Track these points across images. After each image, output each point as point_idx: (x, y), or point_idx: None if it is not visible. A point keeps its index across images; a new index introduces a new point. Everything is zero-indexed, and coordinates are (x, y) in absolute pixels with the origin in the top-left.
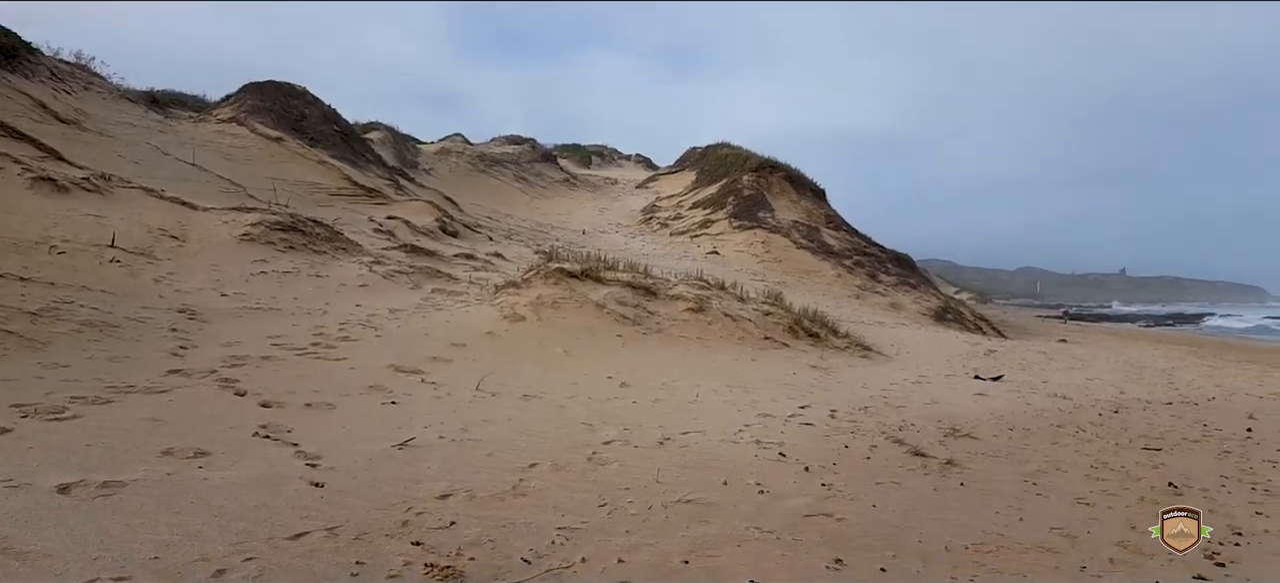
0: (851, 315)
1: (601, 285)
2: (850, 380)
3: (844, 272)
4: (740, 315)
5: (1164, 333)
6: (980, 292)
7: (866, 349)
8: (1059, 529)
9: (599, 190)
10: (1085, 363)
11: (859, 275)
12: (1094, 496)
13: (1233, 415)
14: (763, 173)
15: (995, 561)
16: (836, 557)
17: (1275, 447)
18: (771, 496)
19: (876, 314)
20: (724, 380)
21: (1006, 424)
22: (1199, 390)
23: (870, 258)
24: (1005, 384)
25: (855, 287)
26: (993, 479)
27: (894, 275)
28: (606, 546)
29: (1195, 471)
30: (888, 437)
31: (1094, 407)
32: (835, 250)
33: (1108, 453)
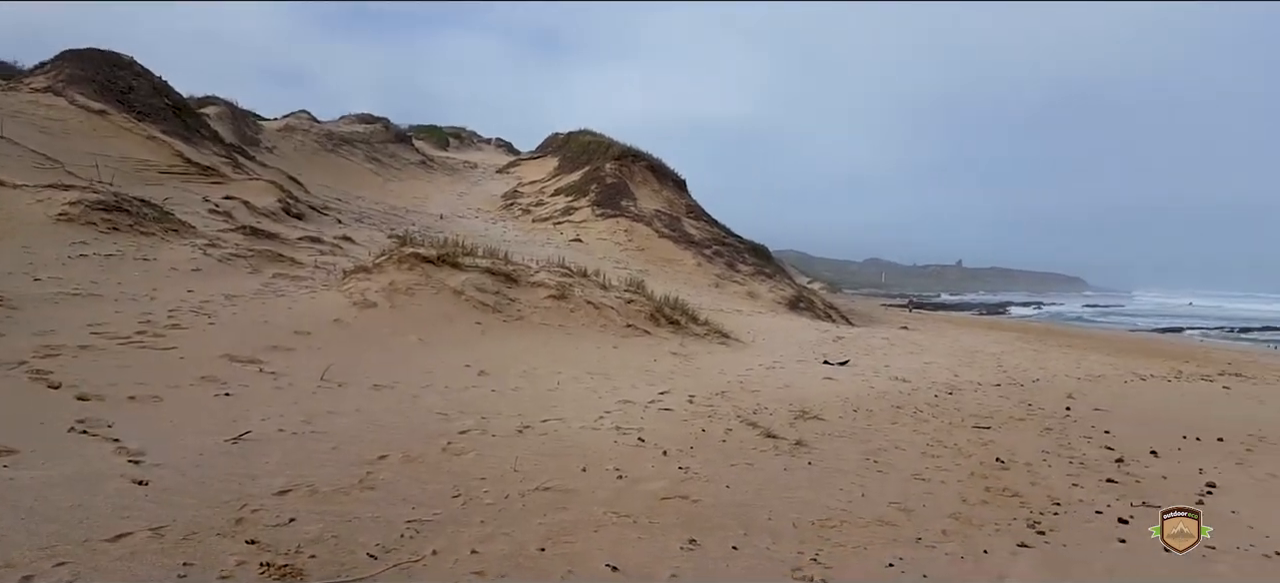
0: (711, 303)
1: (459, 271)
2: (709, 367)
3: (704, 261)
4: (603, 303)
5: (995, 320)
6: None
7: (725, 336)
8: (897, 504)
9: (457, 174)
10: (924, 348)
11: (718, 265)
12: (929, 471)
13: (1054, 395)
14: (625, 161)
15: (839, 535)
16: (691, 537)
17: (1090, 424)
18: (630, 480)
19: (734, 302)
20: (586, 368)
21: (852, 406)
22: (1025, 373)
23: (729, 248)
24: (852, 369)
25: (714, 276)
26: (838, 458)
27: (751, 265)
28: (459, 537)
29: (1020, 446)
30: (743, 420)
31: (931, 389)
32: (696, 240)
33: (942, 432)
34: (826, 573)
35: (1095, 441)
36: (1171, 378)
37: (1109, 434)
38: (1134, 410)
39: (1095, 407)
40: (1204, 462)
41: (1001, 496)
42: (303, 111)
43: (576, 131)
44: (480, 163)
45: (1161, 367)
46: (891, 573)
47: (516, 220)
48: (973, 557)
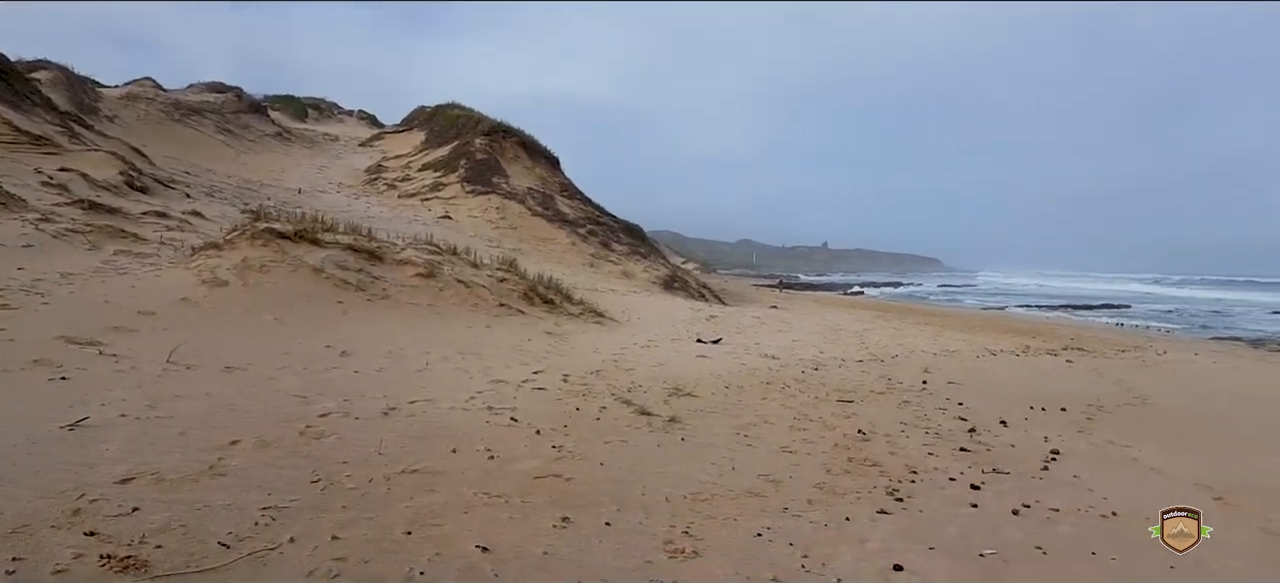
0: (586, 283)
1: (319, 248)
2: (584, 346)
3: (578, 240)
4: (474, 282)
5: (857, 299)
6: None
7: (600, 316)
8: (766, 476)
9: (317, 147)
10: (792, 326)
11: (593, 244)
12: (796, 444)
13: (912, 370)
14: (496, 137)
15: (710, 508)
16: (564, 515)
17: (945, 396)
18: (501, 460)
19: (609, 282)
20: (456, 348)
21: (724, 383)
22: (885, 349)
23: (603, 227)
24: (724, 347)
25: (589, 255)
26: (710, 433)
27: (626, 245)
28: (319, 523)
29: (880, 419)
30: (617, 398)
31: (798, 365)
32: (570, 219)
33: (809, 406)
34: (697, 545)
35: (950, 412)
36: (1020, 353)
37: (962, 406)
38: (985, 384)
39: (950, 380)
40: (1049, 430)
41: (863, 466)
42: (147, 79)
43: (445, 105)
44: (342, 136)
45: (1011, 342)
46: (759, 543)
47: (381, 196)
48: (836, 524)
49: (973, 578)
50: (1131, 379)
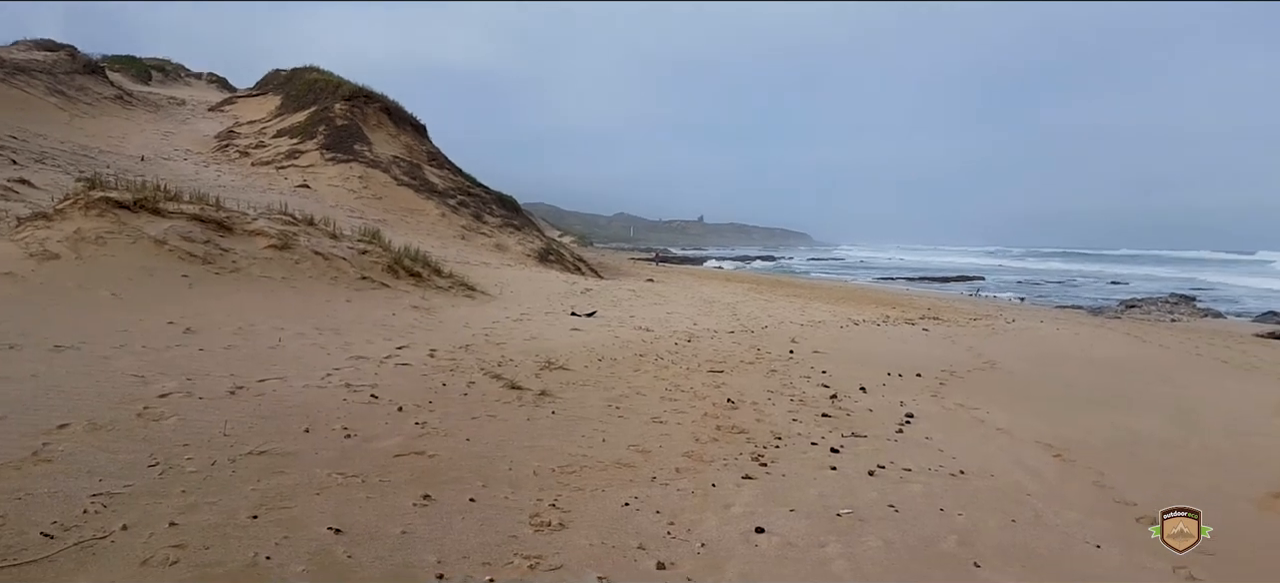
0: (457, 256)
1: (162, 218)
2: (453, 320)
3: (449, 211)
4: (333, 254)
5: (730, 272)
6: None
7: (470, 289)
8: (636, 446)
9: (162, 112)
10: (667, 299)
11: (464, 216)
12: (667, 414)
13: (780, 340)
14: (357, 102)
15: (579, 480)
16: (426, 493)
17: (810, 365)
18: (360, 439)
19: (482, 255)
20: (313, 323)
21: (597, 355)
22: (755, 320)
23: (475, 198)
24: (598, 320)
25: (460, 227)
26: (582, 406)
27: (499, 217)
28: (156, 509)
29: (748, 387)
30: (487, 373)
31: (672, 337)
32: (439, 189)
33: (681, 377)
34: (564, 517)
35: (814, 380)
36: (880, 323)
37: (826, 374)
38: (848, 352)
39: (815, 349)
40: (904, 395)
41: (730, 433)
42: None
43: (301, 68)
44: (189, 100)
45: (872, 312)
46: (627, 512)
47: (233, 164)
48: (702, 491)
49: (830, 537)
50: (982, 346)
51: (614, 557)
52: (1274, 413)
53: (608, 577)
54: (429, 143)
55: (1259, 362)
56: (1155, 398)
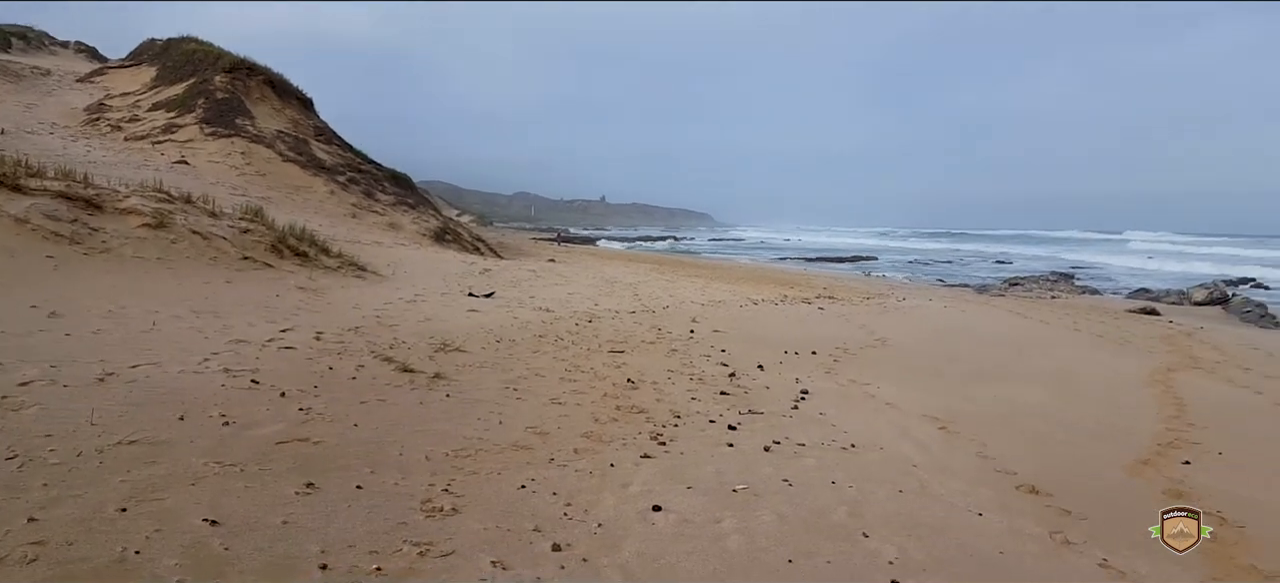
0: (347, 235)
1: (23, 196)
2: (342, 301)
3: (338, 189)
4: (212, 233)
5: (635, 252)
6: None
7: (361, 269)
8: (534, 428)
9: (24, 82)
10: (568, 280)
11: (354, 193)
12: (566, 395)
13: (681, 320)
14: (239, 74)
15: (473, 464)
16: (309, 481)
17: (710, 344)
18: (239, 426)
19: (374, 234)
20: (191, 306)
21: (495, 337)
22: (657, 300)
23: (366, 175)
24: (497, 301)
25: (351, 205)
26: (478, 388)
27: (392, 195)
28: (13, 505)
29: (649, 367)
30: (377, 356)
31: (573, 318)
32: (327, 165)
33: (581, 357)
34: (457, 502)
35: (713, 358)
36: (778, 302)
37: (725, 353)
38: (746, 331)
39: (715, 329)
40: (800, 372)
41: (630, 413)
42: None
43: (178, 38)
44: (55, 70)
45: (771, 292)
46: (523, 494)
47: (105, 138)
48: (601, 471)
49: (726, 513)
50: (874, 324)
51: (508, 540)
52: (1144, 384)
53: (502, 561)
54: (316, 117)
55: (1131, 336)
56: (1036, 371)
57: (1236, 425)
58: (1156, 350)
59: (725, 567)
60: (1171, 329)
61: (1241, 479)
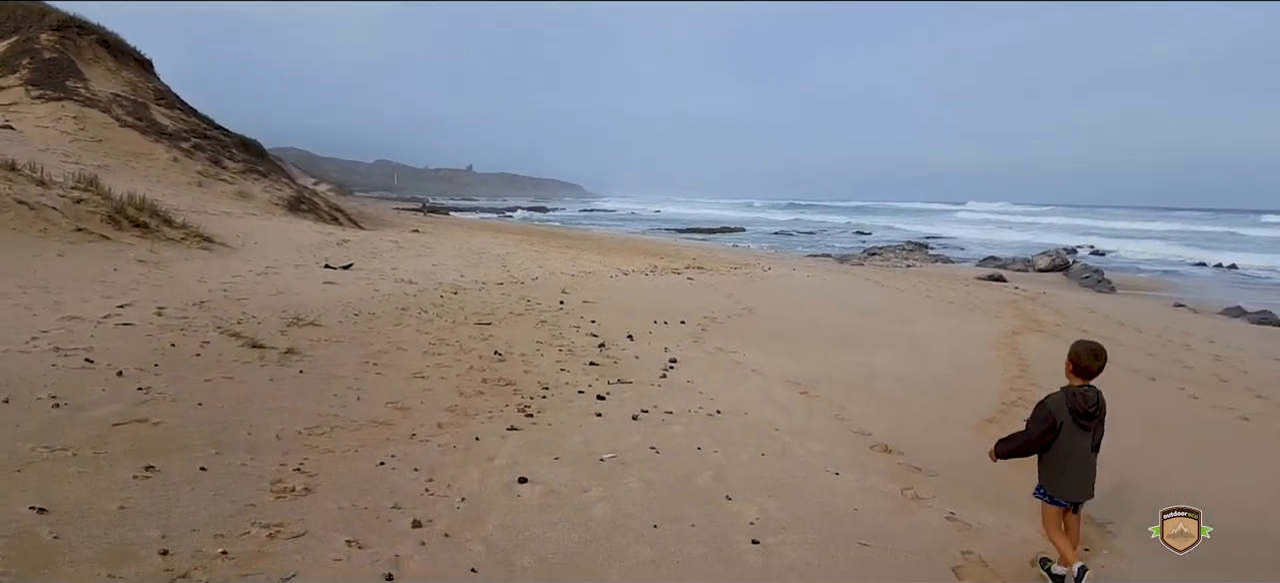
0: (193, 205)
1: None
2: (186, 274)
3: (182, 156)
4: (41, 203)
5: (503, 223)
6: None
7: (208, 241)
8: (395, 403)
9: None
10: (433, 251)
11: (200, 161)
12: (430, 369)
13: (550, 291)
14: (69, 32)
15: (328, 441)
16: (148, 464)
17: (580, 315)
18: (71, 408)
19: (223, 203)
20: (17, 281)
21: (353, 310)
22: (526, 271)
23: (213, 142)
24: (356, 272)
25: (196, 173)
26: (335, 364)
27: (241, 162)
28: None
29: (517, 339)
30: (224, 331)
31: (437, 290)
32: (170, 131)
33: (446, 330)
34: (310, 481)
35: (583, 329)
36: (648, 272)
37: (595, 323)
38: (616, 302)
39: (585, 299)
40: (669, 341)
41: (497, 386)
42: None
43: None
44: None
45: (641, 263)
46: (382, 471)
47: None
48: (465, 445)
49: (593, 482)
50: (741, 293)
51: (365, 519)
52: (991, 347)
53: (357, 540)
54: (157, 80)
55: (979, 302)
56: (892, 337)
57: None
58: (1003, 315)
59: (591, 535)
60: (1017, 295)
61: None
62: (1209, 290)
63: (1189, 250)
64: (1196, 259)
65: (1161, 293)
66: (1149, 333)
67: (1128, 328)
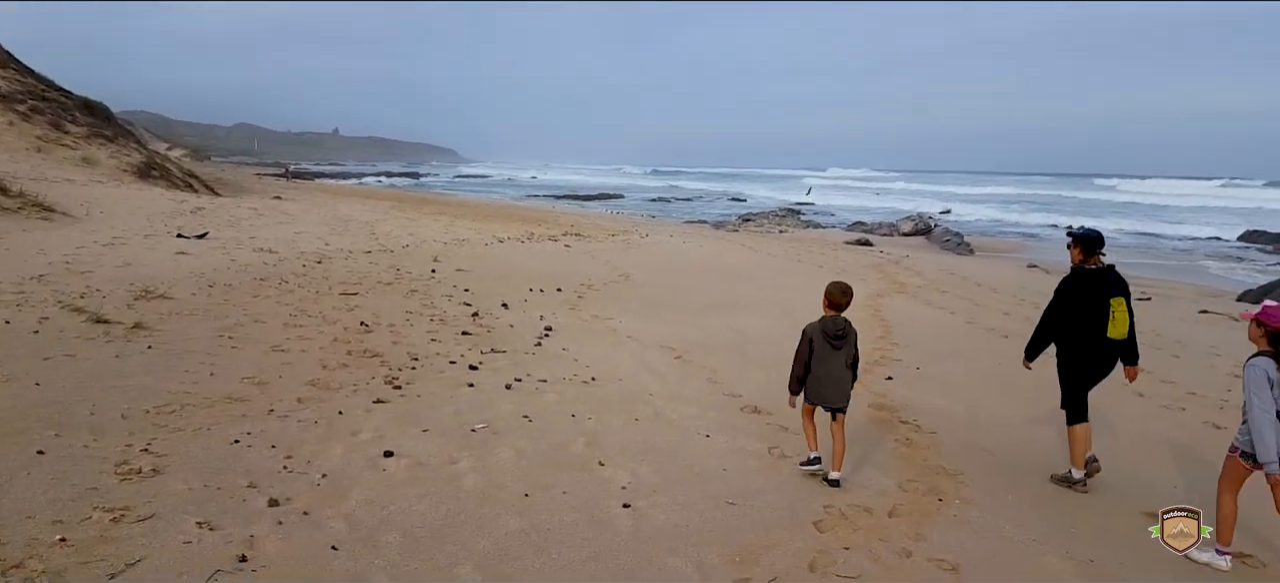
0: (31, 172)
1: None
2: (23, 246)
3: (18, 119)
4: None
5: (374, 189)
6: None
7: (48, 210)
8: (252, 378)
9: None
10: (296, 218)
11: (39, 124)
12: (291, 342)
13: (422, 259)
14: None
15: (179, 419)
16: None
17: (453, 283)
18: None
19: (65, 170)
20: None
21: (207, 281)
22: (396, 239)
23: (53, 104)
24: (211, 242)
25: (35, 138)
26: (186, 338)
27: (86, 126)
28: None
29: (385, 309)
30: (65, 306)
31: (300, 259)
32: (4, 93)
33: (308, 301)
34: (159, 461)
35: (456, 298)
36: (524, 239)
37: (468, 292)
38: (491, 269)
39: (458, 267)
40: (545, 309)
41: (363, 358)
42: None
43: None
44: None
45: (517, 229)
46: (237, 449)
47: None
48: (327, 420)
49: (463, 453)
50: (618, 260)
51: (218, 499)
52: (856, 309)
53: (210, 521)
54: None
55: (846, 266)
56: (764, 301)
57: (932, 343)
58: (868, 278)
59: (460, 507)
60: (881, 258)
61: (936, 391)
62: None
63: (1041, 215)
64: (1050, 222)
65: (1016, 255)
66: (1004, 293)
67: (984, 288)
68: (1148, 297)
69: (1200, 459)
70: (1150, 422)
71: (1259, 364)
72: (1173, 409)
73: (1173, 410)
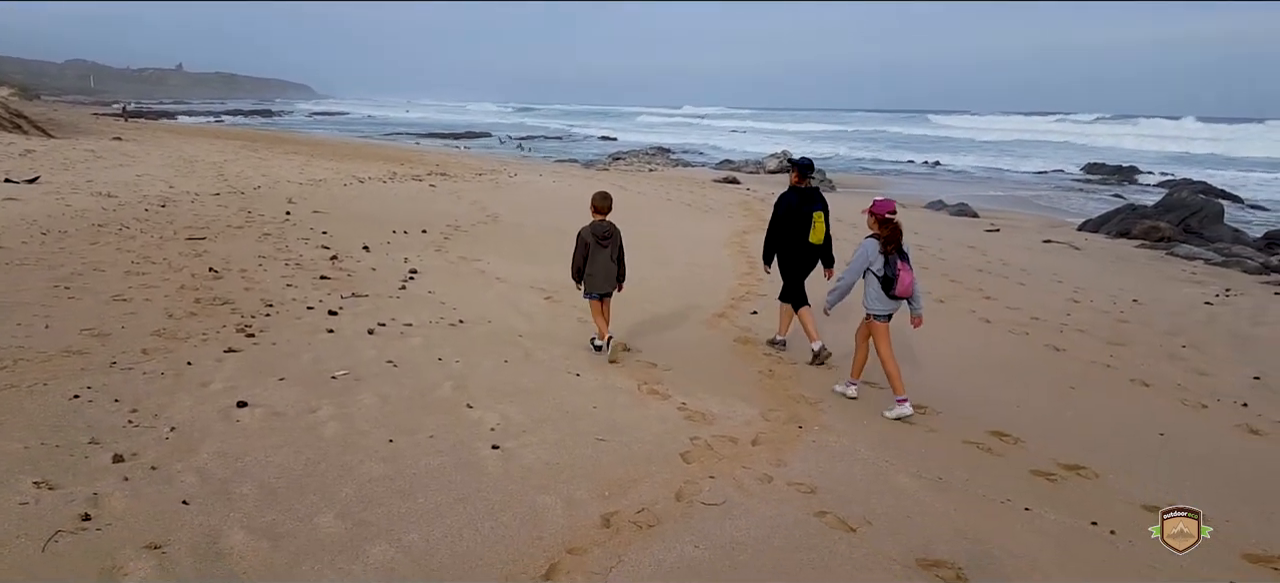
0: None
1: None
2: None
3: None
4: None
5: (219, 128)
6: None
7: None
8: (91, 330)
9: None
10: (137, 160)
11: None
12: (133, 291)
13: (275, 201)
14: None
15: (11, 376)
16: None
17: (309, 226)
18: None
19: None
20: None
21: (40, 229)
22: (247, 180)
23: None
24: (43, 186)
25: None
26: (18, 290)
27: None
28: None
29: (236, 254)
30: None
31: (142, 203)
32: None
33: (152, 247)
34: None
35: (313, 241)
36: (386, 179)
37: (326, 234)
38: (351, 211)
39: (315, 210)
40: (409, 252)
41: (212, 306)
42: None
43: None
44: None
45: (379, 169)
46: (76, 405)
47: None
48: (175, 371)
49: (323, 401)
50: (486, 200)
51: (56, 457)
52: (723, 246)
53: (48, 480)
54: None
55: (714, 204)
56: (635, 239)
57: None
58: (735, 215)
59: (320, 455)
60: (748, 196)
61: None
62: (920, 186)
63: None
64: (907, 158)
65: (876, 191)
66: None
67: (845, 223)
68: (997, 228)
69: (1045, 378)
70: (997, 347)
71: (867, 245)
72: (1017, 334)
73: (1017, 335)
